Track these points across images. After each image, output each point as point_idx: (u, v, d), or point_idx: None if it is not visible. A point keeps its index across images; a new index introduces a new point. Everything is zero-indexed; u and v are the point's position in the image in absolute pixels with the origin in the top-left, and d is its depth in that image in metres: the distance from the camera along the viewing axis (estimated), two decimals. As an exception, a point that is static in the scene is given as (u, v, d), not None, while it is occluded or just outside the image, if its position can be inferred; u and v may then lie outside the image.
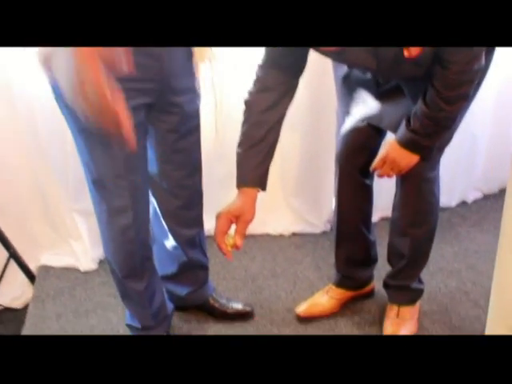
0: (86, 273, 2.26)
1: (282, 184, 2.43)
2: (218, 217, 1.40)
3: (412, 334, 1.84)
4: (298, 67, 1.46)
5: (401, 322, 1.84)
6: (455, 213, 2.60)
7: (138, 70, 1.07)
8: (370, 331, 1.90)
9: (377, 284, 2.04)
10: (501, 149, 2.55)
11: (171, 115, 1.53)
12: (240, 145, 1.45)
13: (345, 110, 1.71)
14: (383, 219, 2.46)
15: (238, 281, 2.21)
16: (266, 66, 1.41)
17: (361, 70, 1.59)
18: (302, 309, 1.97)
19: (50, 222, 2.23)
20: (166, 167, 1.64)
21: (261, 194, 1.47)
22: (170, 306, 1.87)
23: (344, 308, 2.00)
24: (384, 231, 1.95)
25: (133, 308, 1.76)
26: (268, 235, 2.48)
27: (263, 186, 1.46)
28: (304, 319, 1.96)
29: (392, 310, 1.87)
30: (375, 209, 1.92)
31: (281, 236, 2.51)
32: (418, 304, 1.91)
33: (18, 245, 2.12)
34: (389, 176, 1.60)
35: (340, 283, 1.98)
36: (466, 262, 2.27)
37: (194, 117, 1.61)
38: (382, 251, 1.94)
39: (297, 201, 2.48)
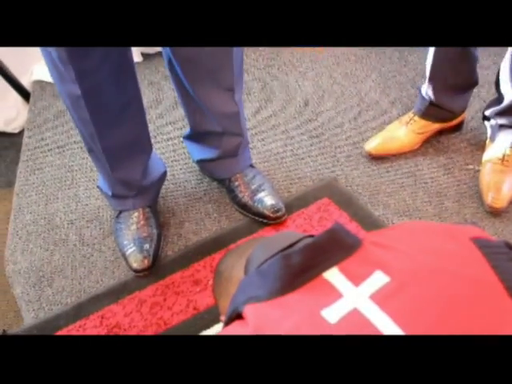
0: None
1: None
2: None
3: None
4: None
5: (506, 170, 1.40)
6: None
7: None
8: (460, 176, 1.48)
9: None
10: None
11: None
12: None
13: None
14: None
15: (284, 102, 1.73)
16: None
17: None
18: (373, 145, 1.52)
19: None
20: None
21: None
22: (158, 170, 1.36)
23: (426, 144, 1.56)
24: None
25: (99, 167, 1.26)
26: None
27: None
28: (376, 158, 1.53)
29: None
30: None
31: (336, 44, 1.98)
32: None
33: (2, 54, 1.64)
34: None
35: (426, 112, 1.50)
36: None
37: None
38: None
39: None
